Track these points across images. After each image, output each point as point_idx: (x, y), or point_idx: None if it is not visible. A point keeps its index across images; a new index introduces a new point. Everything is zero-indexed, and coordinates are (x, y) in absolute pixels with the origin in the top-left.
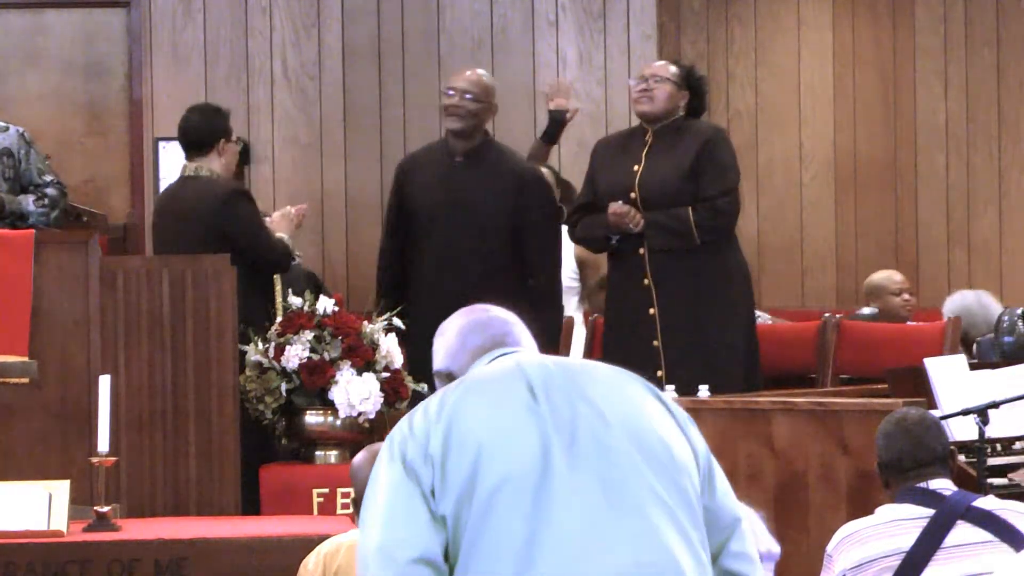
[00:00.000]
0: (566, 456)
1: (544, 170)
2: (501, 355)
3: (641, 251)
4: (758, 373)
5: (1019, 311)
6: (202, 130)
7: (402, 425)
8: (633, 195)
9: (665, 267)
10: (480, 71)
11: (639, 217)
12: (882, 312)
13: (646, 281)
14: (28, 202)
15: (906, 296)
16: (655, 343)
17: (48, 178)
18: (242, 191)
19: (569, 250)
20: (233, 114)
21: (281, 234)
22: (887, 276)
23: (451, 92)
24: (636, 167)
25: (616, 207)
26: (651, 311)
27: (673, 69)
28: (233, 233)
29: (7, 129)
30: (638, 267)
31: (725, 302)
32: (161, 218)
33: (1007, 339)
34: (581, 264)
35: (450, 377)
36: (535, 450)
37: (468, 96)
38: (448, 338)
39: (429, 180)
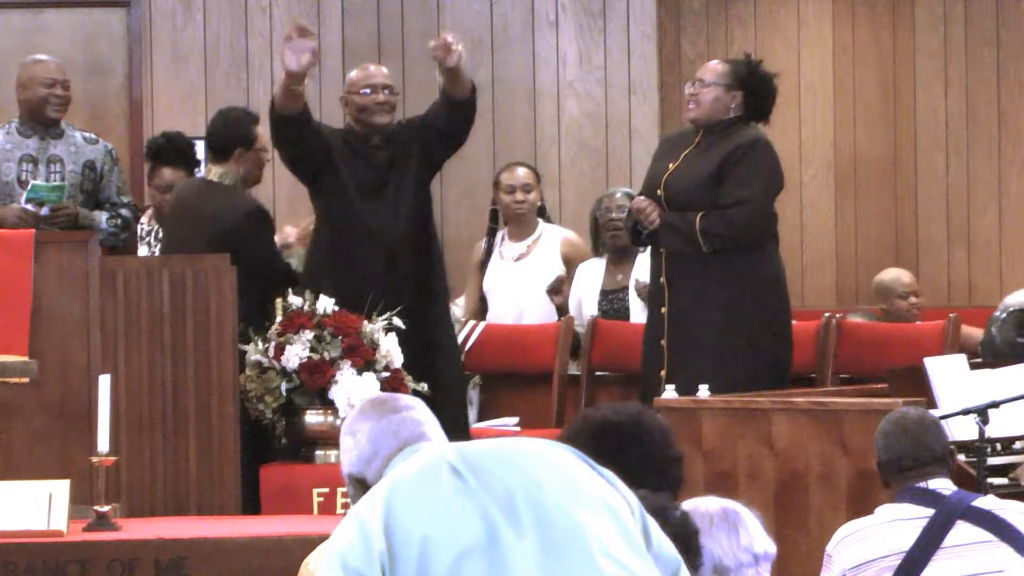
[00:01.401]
0: (511, 526)
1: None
2: (414, 451)
3: (662, 249)
4: (776, 383)
5: (1012, 308)
6: (220, 136)
7: (336, 539)
8: (659, 193)
9: (678, 268)
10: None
11: (655, 215)
12: (888, 314)
13: (661, 279)
14: (102, 219)
15: (913, 299)
16: (662, 342)
17: (126, 199)
18: (262, 212)
19: (554, 249)
20: None
21: (297, 254)
22: (895, 278)
23: (370, 91)
24: (671, 165)
25: (636, 202)
26: (663, 310)
27: (722, 70)
28: (246, 254)
29: (96, 143)
30: (658, 265)
31: (734, 310)
32: (175, 216)
33: (998, 338)
34: (567, 262)
35: (362, 482)
36: (479, 527)
37: (393, 91)
38: (360, 442)
39: (355, 166)
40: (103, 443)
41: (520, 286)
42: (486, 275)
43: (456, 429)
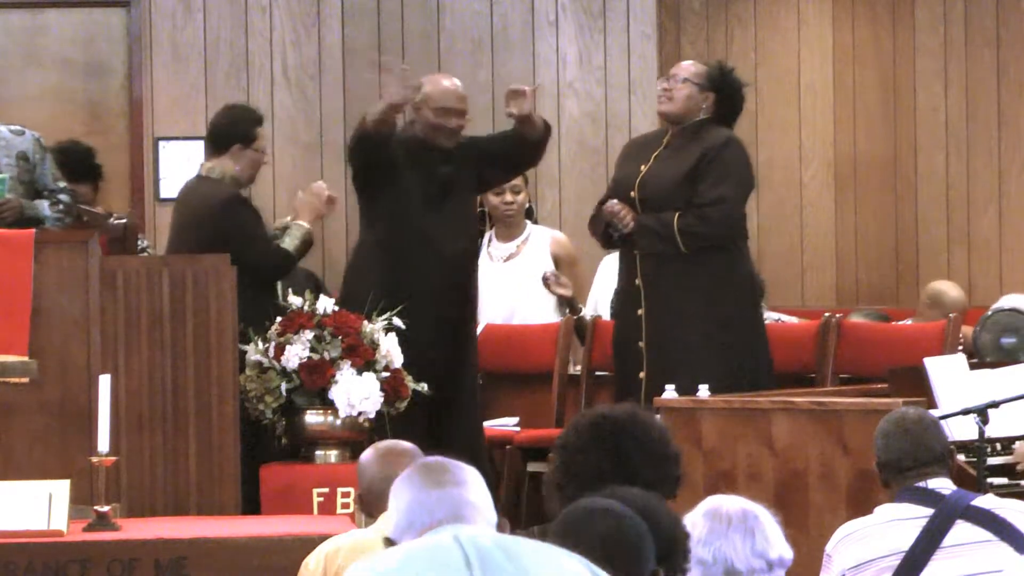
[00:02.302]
0: None
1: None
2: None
3: (635, 251)
4: (759, 382)
5: (997, 309)
6: (219, 130)
7: None
8: (633, 194)
9: (654, 270)
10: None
11: (629, 218)
12: (924, 317)
13: (637, 281)
14: (44, 207)
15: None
16: (640, 344)
17: (61, 184)
18: (238, 199)
19: (543, 248)
20: None
21: (301, 223)
22: (955, 300)
23: (443, 114)
24: (643, 167)
25: (609, 205)
26: (639, 312)
27: (696, 70)
28: (226, 243)
29: (23, 133)
30: (632, 267)
31: (711, 309)
32: (173, 216)
33: (980, 339)
34: (556, 261)
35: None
36: None
37: (465, 116)
38: (399, 509)
39: (417, 177)
40: (103, 443)
41: (510, 286)
42: None
43: (475, 435)
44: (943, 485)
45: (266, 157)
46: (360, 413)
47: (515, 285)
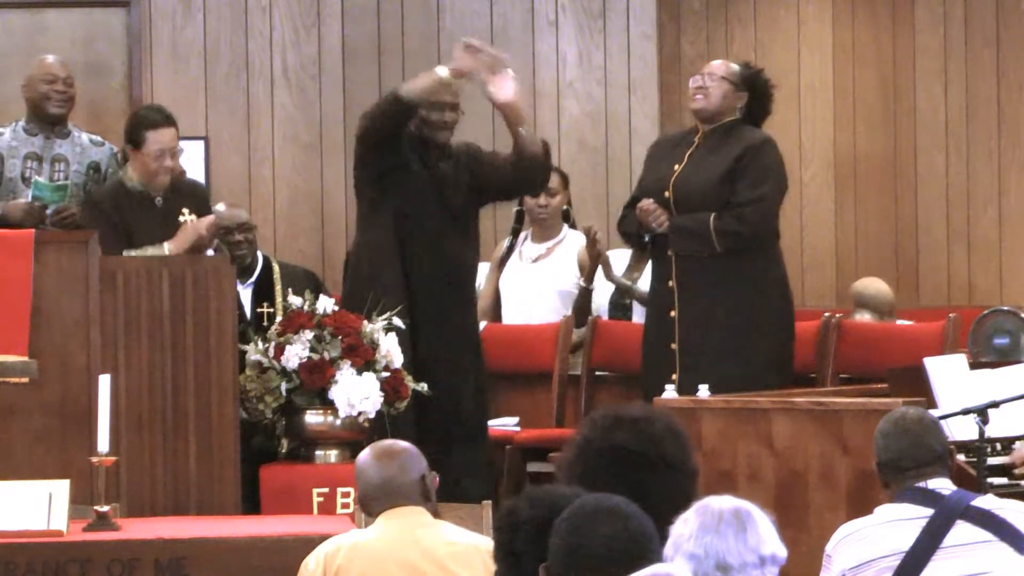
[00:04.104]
0: None
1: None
2: None
3: (670, 252)
4: (780, 382)
5: (991, 308)
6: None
7: None
8: (667, 194)
9: (689, 271)
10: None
11: (663, 217)
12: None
13: (671, 283)
14: None
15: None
16: (672, 346)
17: None
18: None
19: (572, 254)
20: (233, 114)
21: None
22: (870, 297)
23: (432, 109)
24: (677, 166)
25: (643, 204)
26: (672, 313)
27: (733, 68)
28: None
29: (102, 145)
30: (667, 268)
31: (746, 311)
32: None
33: (971, 338)
34: (582, 268)
35: None
36: None
37: (457, 110)
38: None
39: (422, 174)
40: (103, 443)
41: (531, 287)
42: (503, 274)
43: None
44: (943, 485)
45: (157, 165)
46: (360, 413)
47: (535, 287)
